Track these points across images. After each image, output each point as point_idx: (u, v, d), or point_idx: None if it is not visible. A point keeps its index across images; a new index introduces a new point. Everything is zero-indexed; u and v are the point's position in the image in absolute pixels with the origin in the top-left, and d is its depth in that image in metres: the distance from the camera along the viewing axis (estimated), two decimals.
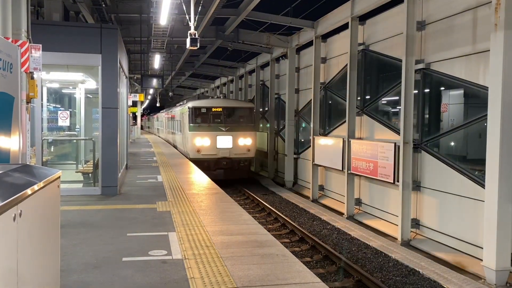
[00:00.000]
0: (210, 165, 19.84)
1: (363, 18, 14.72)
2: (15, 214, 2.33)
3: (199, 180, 12.91)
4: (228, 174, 20.16)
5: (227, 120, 20.63)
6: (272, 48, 22.10)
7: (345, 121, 14.98)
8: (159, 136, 45.74)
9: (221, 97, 23.57)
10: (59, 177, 3.37)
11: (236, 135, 20.23)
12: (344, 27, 15.52)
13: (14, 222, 2.33)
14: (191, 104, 21.27)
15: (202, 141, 20.10)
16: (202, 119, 20.66)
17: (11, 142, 4.81)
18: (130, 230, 7.04)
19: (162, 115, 42.49)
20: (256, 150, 21.72)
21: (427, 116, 11.77)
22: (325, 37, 17.70)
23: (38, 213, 2.85)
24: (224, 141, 20.12)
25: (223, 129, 20.17)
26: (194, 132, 20.36)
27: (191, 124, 20.59)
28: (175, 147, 28.12)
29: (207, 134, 20.15)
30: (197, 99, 26.34)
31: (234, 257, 5.66)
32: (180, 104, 27.28)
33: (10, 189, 2.47)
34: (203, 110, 20.67)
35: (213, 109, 20.63)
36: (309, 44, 18.56)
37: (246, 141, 20.46)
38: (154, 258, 5.66)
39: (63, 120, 11.64)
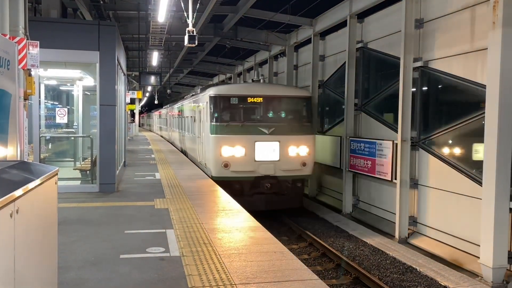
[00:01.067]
0: (244, 188, 13.17)
1: (361, 16, 14.72)
2: (12, 211, 2.33)
3: (197, 177, 12.91)
4: (271, 202, 13.30)
5: (271, 116, 13.88)
6: (270, 46, 22.07)
7: (343, 119, 15.00)
8: (161, 136, 40.19)
9: (261, 81, 15.40)
10: (57, 174, 3.37)
11: (285, 140, 13.32)
12: (343, 24, 15.52)
13: (11, 219, 2.33)
14: (213, 91, 13.99)
15: (231, 151, 13.11)
16: (231, 115, 13.77)
17: (8, 139, 4.80)
18: (128, 228, 7.05)
19: (166, 112, 35.30)
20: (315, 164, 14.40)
21: (425, 114, 11.78)
22: (323, 34, 17.70)
23: (35, 210, 2.85)
24: (267, 150, 13.18)
25: (266, 131, 13.21)
26: (218, 135, 13.32)
27: (213, 123, 13.51)
28: (184, 153, 21.37)
29: (239, 139, 13.16)
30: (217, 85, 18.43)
31: (231, 255, 5.67)
32: (193, 95, 20.05)
33: (7, 186, 2.47)
34: (233, 101, 13.63)
35: (249, 100, 13.59)
36: (308, 41, 18.54)
37: (300, 150, 13.49)
38: (151, 255, 5.66)
39: (61, 117, 11.62)
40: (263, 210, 12.82)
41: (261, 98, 13.62)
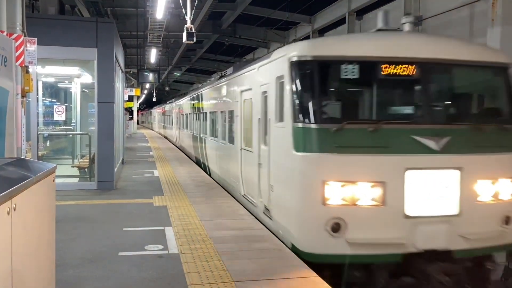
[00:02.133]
0: (377, 279, 5.39)
1: (360, 13, 14.71)
2: (9, 208, 2.32)
3: (196, 174, 12.88)
4: None
5: (439, 109, 6.07)
6: (269, 43, 22.05)
7: None
8: (165, 137, 33.52)
9: (408, 24, 6.29)
10: (55, 171, 3.35)
11: (472, 165, 5.52)
12: (341, 22, 15.50)
13: (8, 216, 2.31)
14: (301, 51, 5.80)
15: (347, 192, 5.28)
16: (345, 106, 5.75)
17: (5, 136, 4.78)
18: (126, 225, 7.03)
19: (171, 107, 27.53)
20: None
21: None
22: (322, 32, 17.69)
23: (33, 207, 2.83)
24: (434, 191, 5.37)
25: (432, 146, 5.35)
26: (316, 154, 5.37)
27: (302, 126, 5.51)
28: (202, 166, 14.60)
29: (366, 163, 5.33)
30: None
31: (230, 252, 5.65)
32: (221, 76, 12.68)
33: (5, 183, 2.45)
34: (349, 73, 5.53)
35: (385, 70, 5.55)
36: (306, 39, 18.52)
37: (501, 186, 5.71)
38: (150, 253, 5.65)
39: (59, 114, 11.60)
40: None
41: (413, 67, 5.66)
